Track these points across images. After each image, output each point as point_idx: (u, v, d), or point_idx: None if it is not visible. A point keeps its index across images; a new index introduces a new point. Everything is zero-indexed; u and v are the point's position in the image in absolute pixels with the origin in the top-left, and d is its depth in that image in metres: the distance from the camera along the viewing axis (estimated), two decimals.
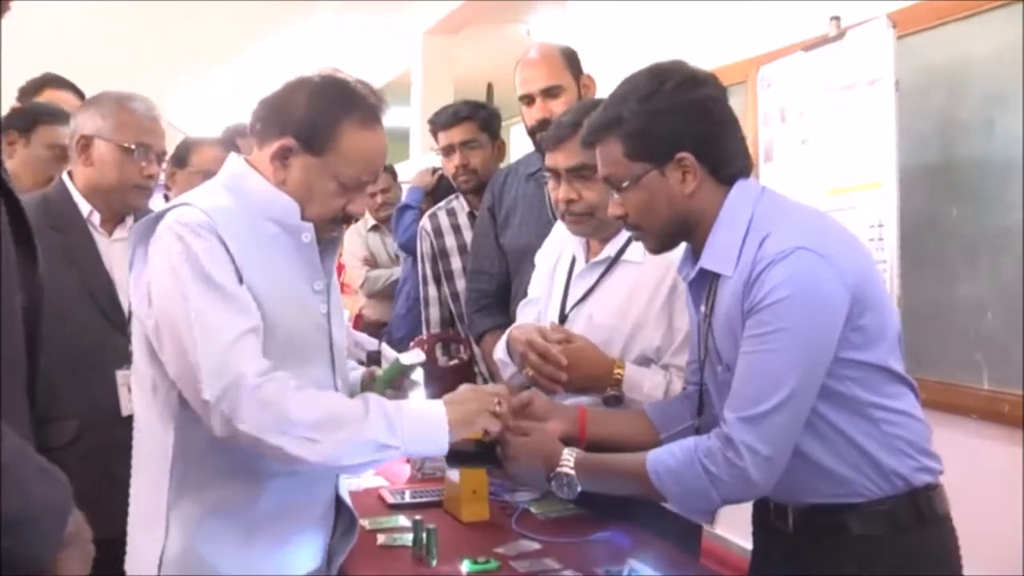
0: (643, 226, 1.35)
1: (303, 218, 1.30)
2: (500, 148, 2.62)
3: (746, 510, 1.41)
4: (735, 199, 1.29)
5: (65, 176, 1.89)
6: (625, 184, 1.31)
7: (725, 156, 1.30)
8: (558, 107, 2.10)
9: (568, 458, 1.36)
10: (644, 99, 1.28)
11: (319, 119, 1.26)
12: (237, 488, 1.25)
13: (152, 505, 1.25)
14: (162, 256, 1.21)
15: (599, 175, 1.37)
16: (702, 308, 1.36)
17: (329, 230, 1.35)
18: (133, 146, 1.82)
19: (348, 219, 1.35)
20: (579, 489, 1.36)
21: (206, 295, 1.18)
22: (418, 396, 1.48)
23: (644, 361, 1.62)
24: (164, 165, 2.02)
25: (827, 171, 2.25)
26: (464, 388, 1.36)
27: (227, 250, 1.21)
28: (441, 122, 2.57)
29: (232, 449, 1.19)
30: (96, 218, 1.85)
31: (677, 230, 1.34)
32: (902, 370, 1.29)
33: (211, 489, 1.24)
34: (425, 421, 1.25)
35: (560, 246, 1.83)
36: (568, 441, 1.44)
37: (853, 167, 2.17)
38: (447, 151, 2.58)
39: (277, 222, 1.29)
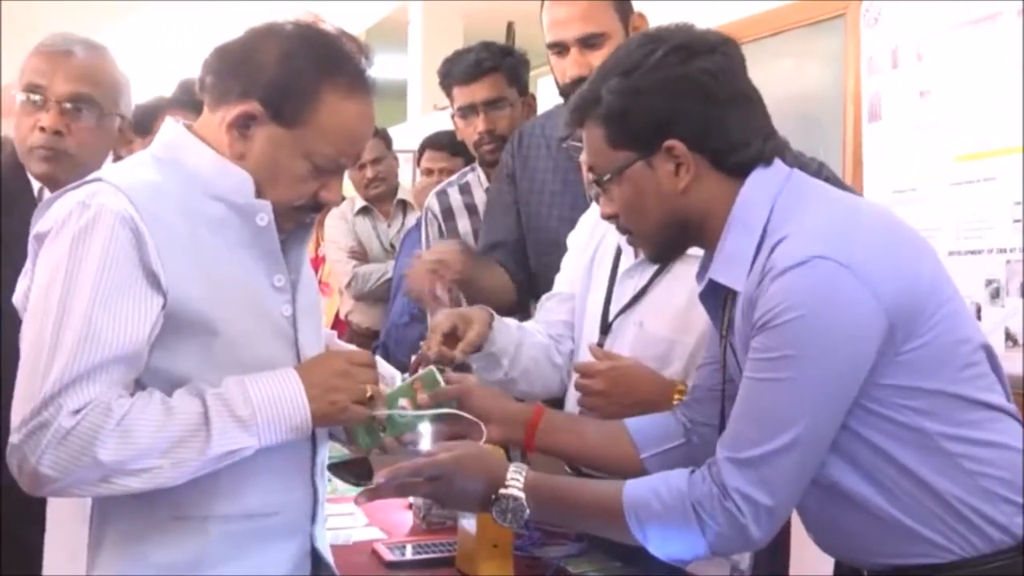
0: (633, 228, 1.38)
1: (261, 198, 1.30)
2: (530, 105, 2.62)
3: (820, 560, 1.43)
4: (749, 195, 1.31)
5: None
6: (607, 177, 1.35)
7: (729, 143, 1.31)
8: (600, 61, 1.96)
9: (516, 477, 1.37)
10: (625, 74, 1.31)
11: (294, 82, 1.28)
12: (174, 540, 1.27)
13: (69, 563, 1.29)
14: (46, 251, 1.23)
15: (584, 163, 1.40)
16: (720, 323, 1.39)
17: (293, 219, 1.36)
18: (24, 94, 1.80)
19: (319, 207, 1.37)
20: (526, 517, 1.36)
21: (72, 310, 1.17)
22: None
23: None
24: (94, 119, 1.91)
25: (955, 132, 2.25)
26: (330, 363, 1.33)
27: (143, 245, 1.21)
28: (459, 74, 2.55)
29: (165, 490, 1.21)
30: (47, 196, 1.86)
31: (675, 234, 1.37)
32: (990, 396, 1.28)
33: (141, 542, 1.26)
34: (281, 404, 1.25)
35: (601, 231, 1.84)
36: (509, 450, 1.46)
37: (991, 126, 2.17)
38: (466, 112, 2.57)
39: (224, 201, 1.30)
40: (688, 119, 1.30)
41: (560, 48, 2.08)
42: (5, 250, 1.76)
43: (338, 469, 1.48)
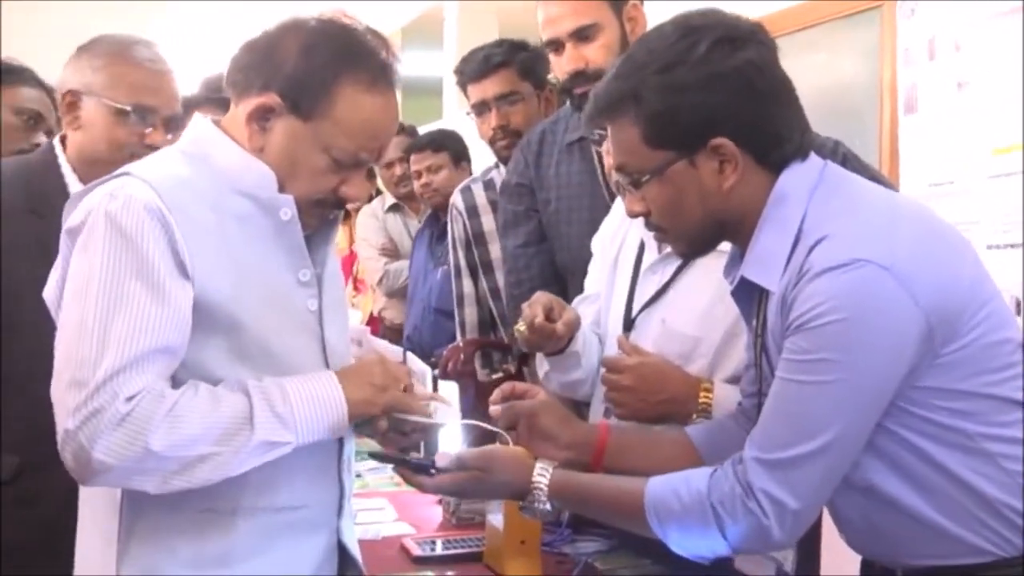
0: (669, 228, 1.35)
1: (284, 193, 1.31)
2: (548, 100, 2.60)
3: (851, 561, 1.42)
4: (784, 191, 1.28)
5: (56, 142, 1.92)
6: (645, 178, 1.31)
7: (776, 138, 1.28)
8: (595, 52, 2.01)
9: (542, 477, 1.38)
10: (666, 70, 1.26)
11: (312, 74, 1.28)
12: (203, 531, 1.28)
13: (100, 556, 1.29)
14: (81, 244, 1.24)
15: (612, 163, 1.37)
16: (753, 323, 1.37)
17: (315, 215, 1.36)
18: (129, 107, 1.84)
19: (341, 203, 1.37)
20: (549, 509, 1.38)
21: (117, 299, 1.19)
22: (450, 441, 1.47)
23: (738, 381, 1.59)
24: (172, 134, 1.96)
25: (992, 123, 2.21)
26: (366, 359, 1.38)
27: (171, 235, 1.21)
28: (471, 72, 2.56)
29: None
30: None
31: (713, 232, 1.34)
32: None
33: (171, 534, 1.27)
34: (319, 403, 1.26)
35: (624, 228, 1.82)
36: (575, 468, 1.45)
37: None
38: (479, 109, 2.58)
39: (249, 196, 1.30)
40: (736, 115, 1.26)
41: (556, 45, 2.07)
42: (45, 251, 1.78)
43: (379, 457, 1.51)
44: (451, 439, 1.44)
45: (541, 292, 1.69)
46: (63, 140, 1.91)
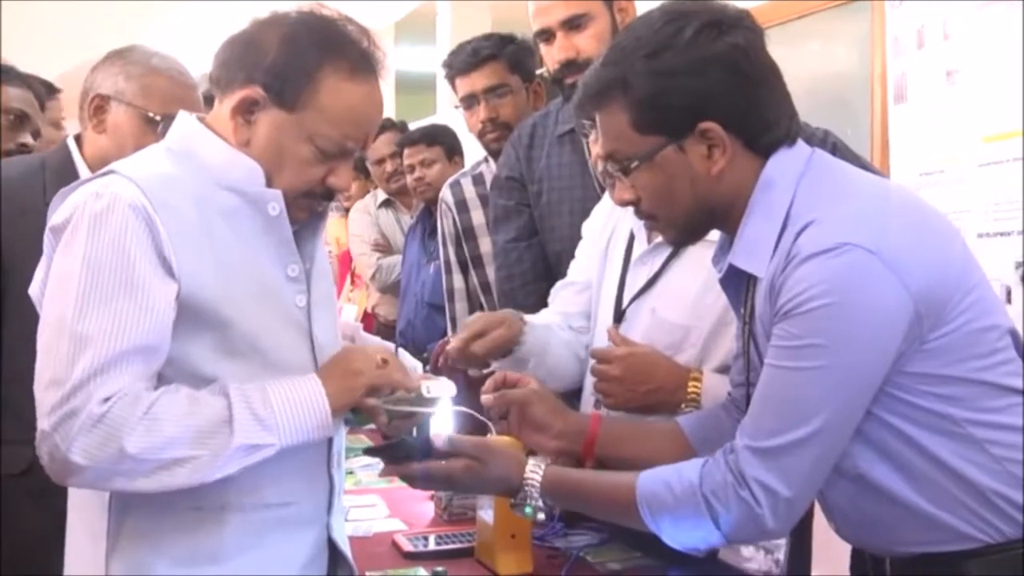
0: (659, 215, 1.35)
1: (271, 187, 1.31)
2: (537, 92, 2.60)
3: (844, 555, 1.41)
4: (771, 177, 1.28)
5: (71, 142, 1.94)
6: (634, 164, 1.30)
7: (763, 122, 1.28)
8: (586, 42, 2.03)
9: (535, 474, 1.38)
10: (653, 55, 1.26)
11: (294, 64, 1.28)
12: (192, 529, 1.27)
13: (89, 554, 1.29)
14: (65, 242, 1.24)
15: (601, 151, 1.37)
16: (741, 311, 1.36)
17: (304, 208, 1.35)
18: (159, 117, 1.85)
19: (330, 194, 1.36)
20: (541, 507, 1.38)
21: (98, 298, 1.19)
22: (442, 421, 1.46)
23: (728, 371, 1.59)
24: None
25: (981, 112, 2.20)
26: (346, 347, 1.38)
27: (155, 234, 1.21)
28: (459, 65, 2.55)
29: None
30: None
31: (703, 218, 1.33)
32: (1016, 381, 1.25)
33: (160, 532, 1.26)
34: (301, 405, 1.25)
35: (614, 219, 1.82)
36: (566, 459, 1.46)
37: (1020, 105, 2.11)
38: (468, 102, 2.57)
39: (236, 191, 1.30)
40: (724, 99, 1.26)
41: (546, 35, 2.09)
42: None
43: (373, 452, 1.52)
44: (444, 421, 1.42)
45: (476, 317, 1.72)
46: (78, 139, 1.93)
